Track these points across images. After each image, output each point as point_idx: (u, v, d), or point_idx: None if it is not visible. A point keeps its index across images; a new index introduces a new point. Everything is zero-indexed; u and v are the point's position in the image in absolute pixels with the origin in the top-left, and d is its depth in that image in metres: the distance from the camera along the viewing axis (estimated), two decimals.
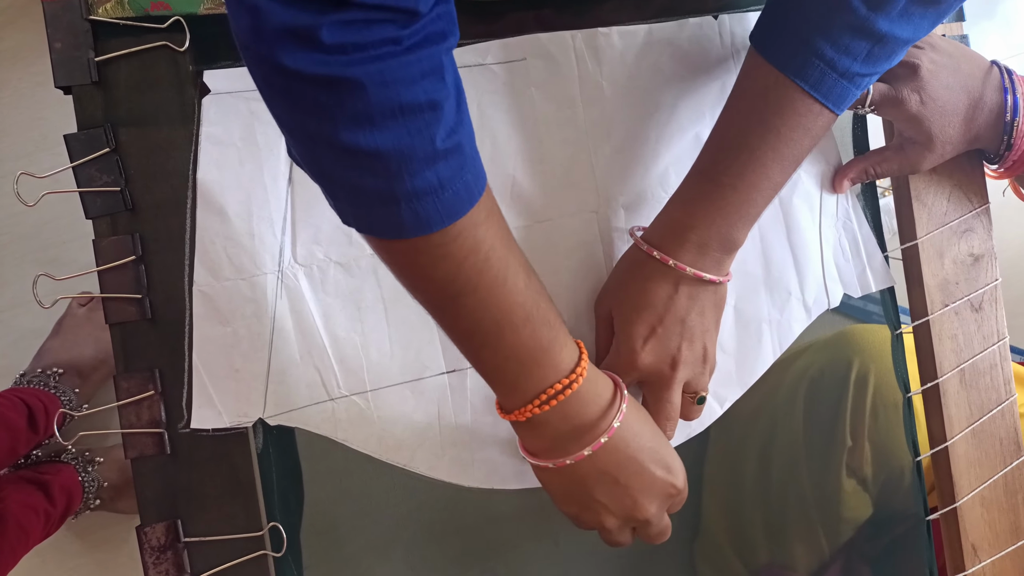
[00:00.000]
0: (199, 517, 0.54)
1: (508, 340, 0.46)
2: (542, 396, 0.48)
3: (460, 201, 0.41)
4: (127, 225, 0.54)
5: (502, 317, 0.45)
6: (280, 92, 0.38)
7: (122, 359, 0.54)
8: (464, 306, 0.45)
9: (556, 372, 0.48)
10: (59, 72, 0.53)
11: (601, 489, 0.50)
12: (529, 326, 0.46)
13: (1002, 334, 0.65)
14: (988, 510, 0.64)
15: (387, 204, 0.40)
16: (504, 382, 0.48)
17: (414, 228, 0.41)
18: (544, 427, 0.49)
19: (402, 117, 0.38)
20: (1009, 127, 0.59)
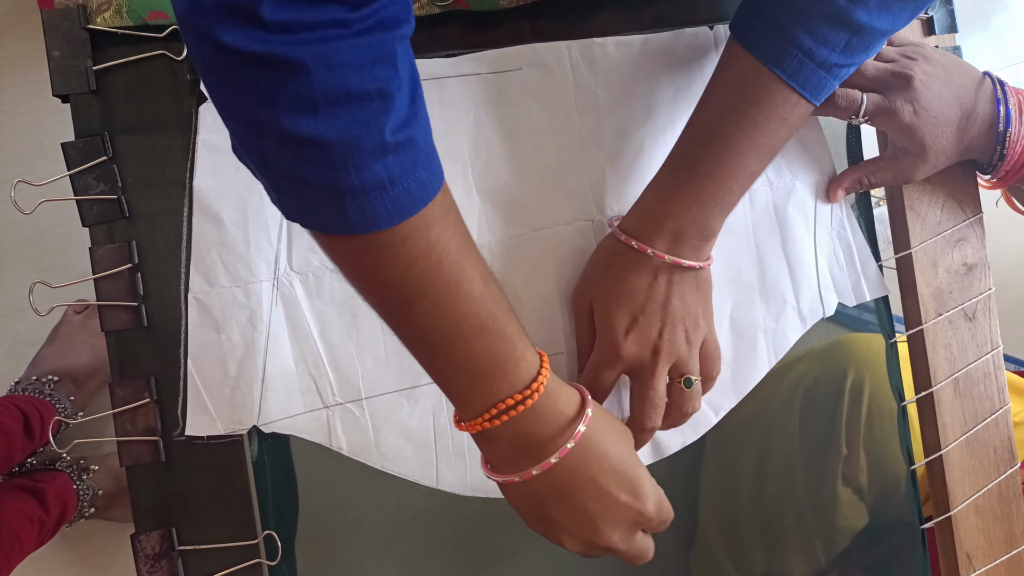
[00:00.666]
0: (194, 525, 0.54)
1: (460, 351, 0.44)
2: (492, 410, 0.46)
3: (411, 199, 0.39)
4: (123, 233, 0.54)
5: (453, 327, 0.43)
6: (219, 73, 0.36)
7: (117, 367, 0.54)
8: (414, 312, 0.43)
9: (510, 386, 0.45)
10: (57, 80, 0.53)
11: (558, 510, 0.48)
12: (483, 338, 0.44)
13: (996, 343, 0.65)
14: (982, 519, 0.64)
15: (332, 198, 0.38)
16: (456, 393, 0.47)
17: (360, 225, 0.39)
18: (498, 441, 0.47)
19: (348, 104, 0.36)
20: (1002, 138, 0.60)
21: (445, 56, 0.58)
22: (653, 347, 0.54)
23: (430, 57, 0.57)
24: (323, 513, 0.59)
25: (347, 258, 0.42)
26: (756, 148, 0.53)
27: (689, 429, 0.59)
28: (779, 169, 0.62)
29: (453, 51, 0.58)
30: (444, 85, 0.57)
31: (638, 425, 0.56)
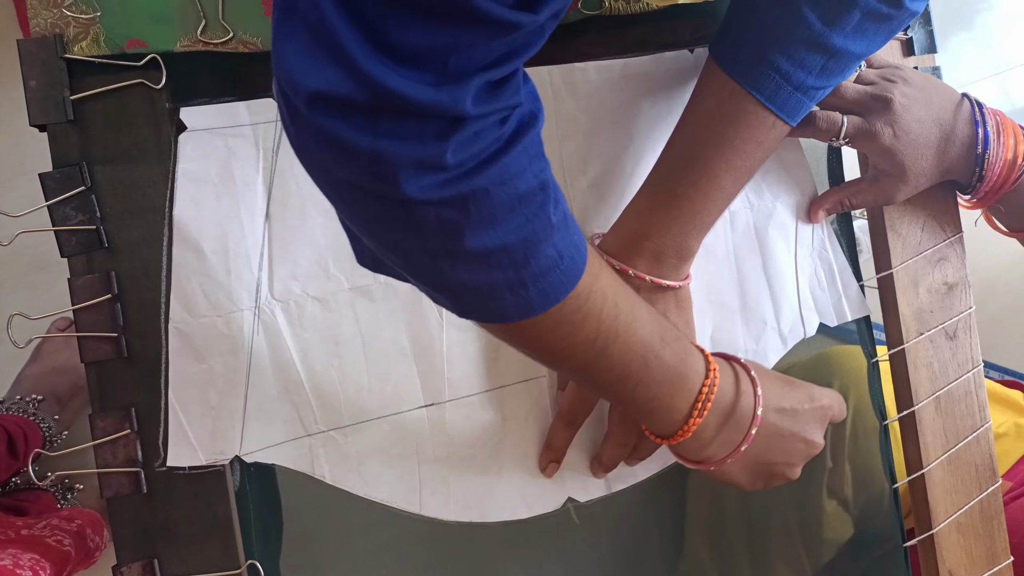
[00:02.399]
0: (176, 556, 0.54)
1: (655, 368, 0.47)
2: (697, 406, 0.49)
3: (576, 266, 0.42)
4: (103, 263, 0.53)
5: (646, 350, 0.46)
6: (402, 223, 0.37)
7: (98, 398, 0.54)
8: (612, 355, 0.45)
9: (698, 375, 0.49)
10: (34, 110, 0.53)
11: (776, 451, 0.53)
12: (667, 346, 0.47)
13: (976, 361, 0.66)
14: (964, 536, 0.65)
15: (515, 291, 0.40)
16: (662, 408, 0.49)
17: (543, 305, 0.41)
18: (706, 431, 0.50)
19: (520, 207, 0.38)
20: (980, 159, 0.60)
21: None
22: None
23: None
24: (307, 540, 0.59)
25: (540, 337, 0.44)
26: (733, 170, 0.54)
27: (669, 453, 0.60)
28: (760, 191, 0.63)
29: None
30: None
31: (615, 440, 0.57)
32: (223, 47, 0.55)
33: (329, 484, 0.55)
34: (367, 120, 0.34)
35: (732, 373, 0.52)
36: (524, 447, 0.58)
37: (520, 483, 0.57)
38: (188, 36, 0.54)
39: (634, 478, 0.60)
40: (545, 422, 0.58)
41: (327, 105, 0.33)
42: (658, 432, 0.51)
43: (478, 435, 0.57)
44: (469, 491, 0.56)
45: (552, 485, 0.58)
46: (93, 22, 0.53)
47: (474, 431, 0.56)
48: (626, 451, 0.58)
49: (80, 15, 0.53)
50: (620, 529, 0.62)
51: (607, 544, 0.62)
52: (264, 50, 0.55)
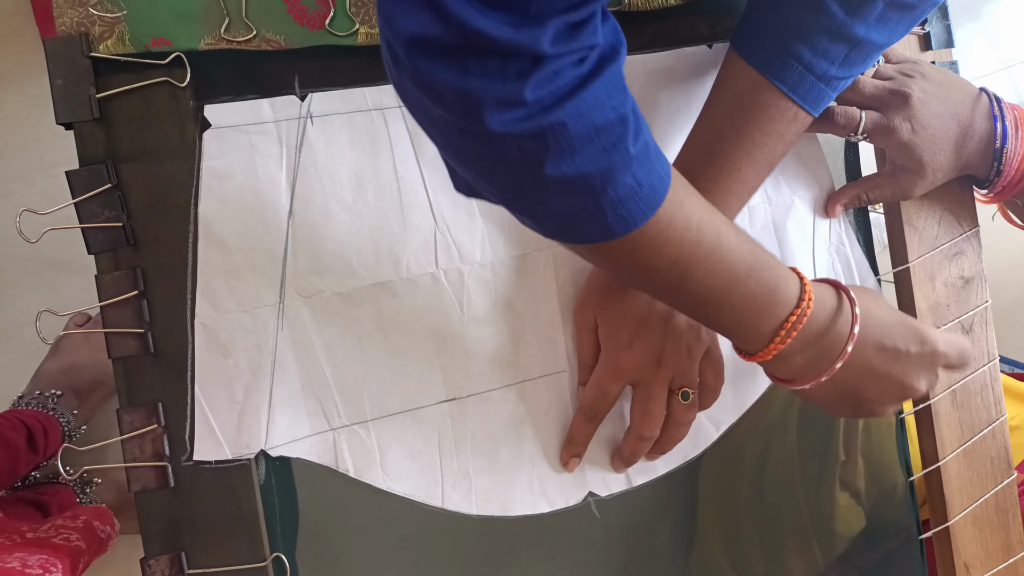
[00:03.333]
0: (202, 549, 0.54)
1: (738, 295, 0.47)
2: (780, 332, 0.49)
3: (656, 193, 0.42)
4: (129, 260, 0.54)
5: (729, 277, 0.47)
6: (486, 153, 0.39)
7: (125, 393, 0.54)
8: (694, 280, 0.46)
9: (787, 305, 0.49)
10: (60, 109, 0.53)
11: (867, 388, 0.52)
12: (754, 275, 0.47)
13: (992, 355, 0.66)
14: (980, 529, 0.65)
15: (594, 217, 0.42)
16: (744, 331, 0.50)
17: (622, 229, 0.42)
18: (792, 356, 0.50)
19: (597, 138, 0.39)
20: (999, 154, 0.60)
21: None
22: (656, 360, 0.56)
23: None
24: (323, 533, 0.60)
25: (623, 258, 0.45)
26: (755, 163, 0.54)
27: (690, 444, 0.60)
28: (778, 185, 0.63)
29: None
30: None
31: (636, 434, 0.58)
32: (246, 45, 0.55)
33: (346, 478, 0.55)
34: (456, 61, 0.36)
35: (835, 303, 0.51)
36: (545, 441, 0.58)
37: (541, 477, 0.58)
38: (212, 34, 0.54)
39: (654, 472, 0.61)
40: (566, 416, 0.59)
41: (422, 48, 0.36)
42: (744, 349, 0.52)
43: (499, 429, 0.57)
44: (491, 485, 0.57)
45: (573, 480, 0.59)
46: (118, 21, 0.53)
47: (495, 425, 0.57)
48: (647, 445, 0.58)
49: (105, 14, 0.53)
50: (632, 520, 0.62)
51: (619, 535, 0.63)
52: (286, 48, 0.55)
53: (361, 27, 0.56)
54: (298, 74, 0.56)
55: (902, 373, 0.52)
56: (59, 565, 0.75)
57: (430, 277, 0.56)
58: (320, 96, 0.55)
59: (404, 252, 0.56)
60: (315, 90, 0.56)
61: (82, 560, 0.82)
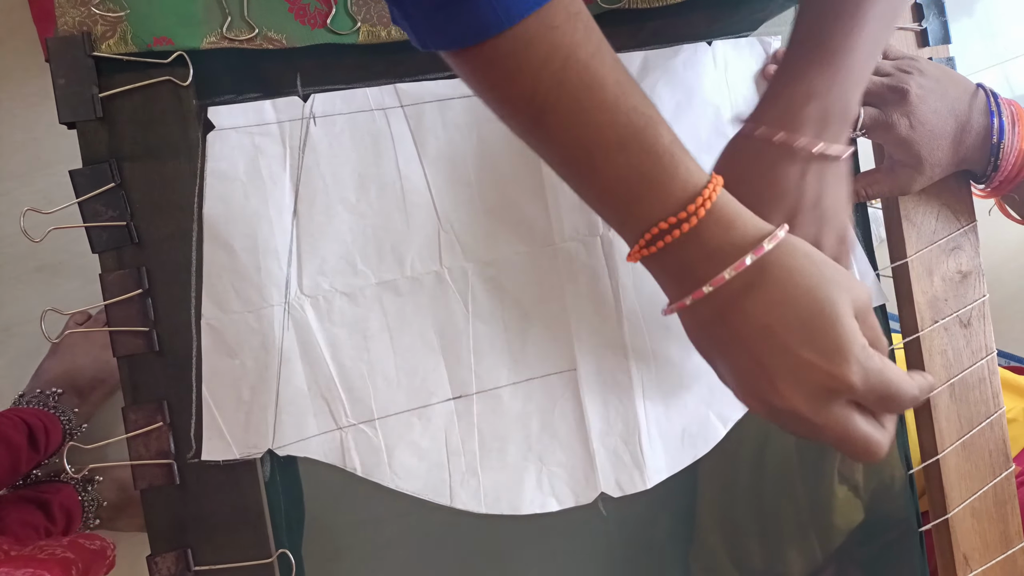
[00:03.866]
0: (208, 546, 0.55)
1: (601, 168, 0.40)
2: (647, 235, 0.41)
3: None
4: (133, 259, 0.54)
5: (590, 140, 0.40)
6: None
7: (130, 391, 0.54)
8: (547, 127, 0.40)
9: (662, 207, 0.40)
10: (63, 108, 0.53)
11: (734, 358, 0.42)
12: (624, 151, 0.39)
13: (990, 348, 0.67)
14: (979, 520, 0.66)
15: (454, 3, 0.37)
16: (610, 219, 0.43)
17: (479, 30, 0.38)
18: (662, 272, 0.43)
19: None
20: (996, 149, 0.61)
21: (448, 75, 0.58)
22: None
23: (434, 78, 0.58)
24: (328, 529, 0.60)
25: (478, 73, 0.41)
26: (881, 17, 0.50)
27: (700, 442, 0.61)
28: None
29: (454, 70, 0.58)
30: (448, 106, 0.57)
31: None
32: (248, 44, 0.55)
33: (352, 474, 0.56)
34: None
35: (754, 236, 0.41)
36: (554, 439, 0.59)
37: (551, 476, 0.58)
38: (213, 33, 0.55)
39: (668, 471, 0.61)
40: (575, 415, 0.59)
41: None
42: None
43: (507, 427, 0.57)
44: (500, 484, 0.57)
45: (585, 480, 0.59)
46: (120, 20, 0.53)
47: (503, 423, 0.57)
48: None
49: (108, 13, 0.53)
50: (631, 515, 0.63)
51: (618, 529, 0.63)
52: (288, 46, 0.56)
53: (362, 25, 0.57)
54: (299, 73, 0.56)
55: (777, 370, 0.40)
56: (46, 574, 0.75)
57: (434, 275, 0.56)
58: (322, 96, 0.55)
59: (408, 251, 0.56)
60: (317, 89, 0.56)
61: (75, 568, 0.81)
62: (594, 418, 0.59)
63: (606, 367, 0.59)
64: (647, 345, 0.60)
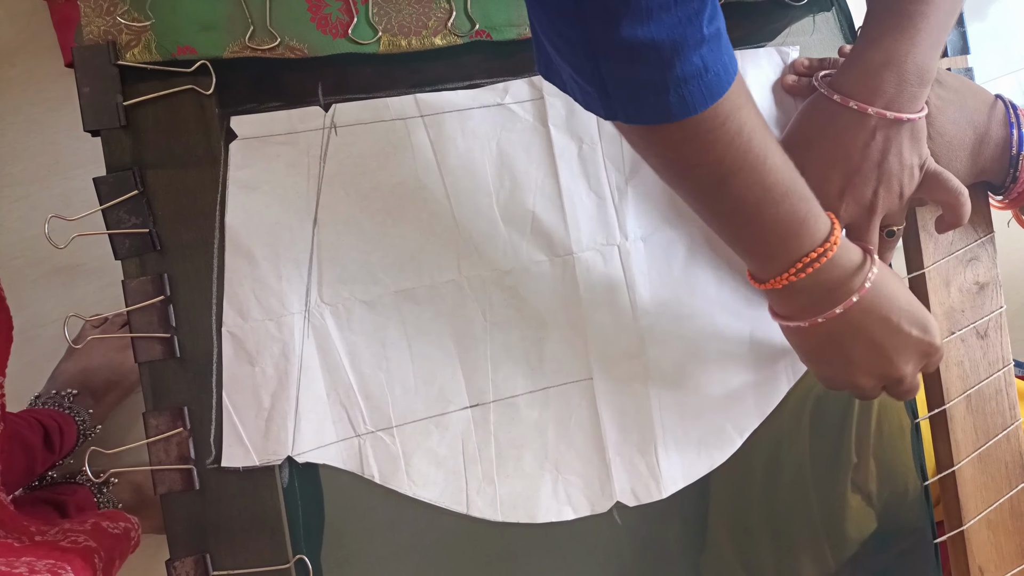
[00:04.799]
0: (227, 551, 0.55)
1: (768, 215, 0.49)
2: (798, 264, 0.50)
3: (720, 82, 0.43)
4: (155, 266, 0.55)
5: (764, 194, 0.48)
6: (568, 4, 0.40)
7: (151, 397, 0.55)
8: (731, 186, 0.47)
9: (811, 241, 0.50)
10: (88, 116, 0.53)
11: (856, 349, 0.53)
12: (788, 201, 0.48)
13: (1007, 360, 0.66)
14: (994, 532, 0.66)
15: (658, 92, 0.42)
16: (762, 254, 0.51)
17: (682, 112, 0.43)
18: (800, 293, 0.52)
19: (675, 8, 0.40)
20: (1015, 160, 0.61)
21: (467, 85, 0.58)
22: (868, 206, 0.57)
23: (452, 88, 0.58)
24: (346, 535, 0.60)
25: (672, 147, 0.47)
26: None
27: (716, 451, 0.61)
28: None
29: (474, 80, 0.59)
30: (467, 116, 0.57)
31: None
32: (270, 53, 0.55)
33: (369, 480, 0.56)
34: None
35: (858, 260, 0.52)
36: (570, 448, 0.59)
37: (567, 485, 0.59)
38: (236, 42, 0.55)
39: (684, 481, 0.61)
40: (591, 424, 0.59)
41: None
42: (755, 274, 0.54)
43: (524, 436, 0.58)
44: (516, 492, 0.57)
45: (601, 489, 0.59)
46: (145, 29, 0.54)
47: (519, 432, 0.58)
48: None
49: (132, 23, 0.54)
50: (642, 522, 0.63)
51: (630, 537, 0.63)
52: (310, 56, 0.56)
53: (383, 35, 0.57)
54: (321, 82, 0.56)
55: (894, 349, 0.53)
56: (68, 567, 0.75)
57: (453, 284, 0.57)
58: (343, 106, 0.56)
59: (427, 260, 0.56)
60: (338, 98, 0.56)
61: (97, 556, 0.82)
62: (610, 427, 0.59)
63: (622, 377, 0.59)
64: (663, 355, 0.61)
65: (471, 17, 0.59)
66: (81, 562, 0.75)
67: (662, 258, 0.61)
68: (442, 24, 0.58)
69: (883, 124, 0.54)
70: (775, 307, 0.56)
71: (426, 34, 0.58)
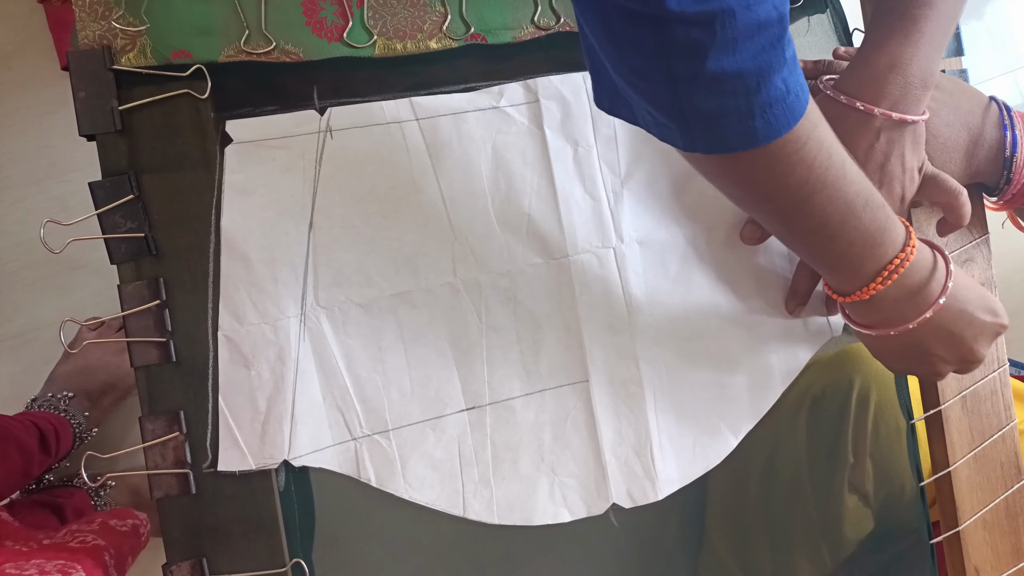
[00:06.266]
0: (224, 555, 0.55)
1: (852, 227, 0.49)
2: (884, 272, 0.51)
3: (800, 103, 0.43)
4: (151, 270, 0.55)
5: (847, 207, 0.48)
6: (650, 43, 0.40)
7: (147, 401, 0.55)
8: (816, 204, 0.47)
9: (893, 247, 0.51)
10: (83, 121, 0.53)
11: (939, 344, 0.55)
12: (868, 210, 0.49)
13: (1002, 361, 0.67)
14: (990, 533, 0.66)
15: (744, 119, 0.42)
16: (848, 267, 0.51)
17: (766, 136, 0.43)
18: (885, 300, 0.52)
19: (758, 35, 0.40)
20: (1008, 162, 0.61)
21: (462, 89, 0.59)
22: None
23: (448, 91, 0.58)
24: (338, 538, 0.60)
25: (756, 172, 0.46)
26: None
27: (711, 453, 0.61)
28: None
29: (470, 83, 0.59)
30: (463, 119, 0.57)
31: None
32: (265, 57, 0.55)
33: (365, 485, 0.56)
34: None
35: (932, 258, 0.53)
36: (566, 450, 0.59)
37: (563, 487, 0.59)
38: (232, 46, 0.55)
39: (680, 483, 0.61)
40: (588, 426, 0.59)
41: None
42: (837, 288, 0.54)
43: (520, 438, 0.58)
44: (512, 495, 0.57)
45: (597, 491, 0.59)
46: (140, 34, 0.54)
47: (515, 434, 0.58)
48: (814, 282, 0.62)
49: (128, 27, 0.54)
50: (640, 523, 0.63)
51: (627, 537, 0.63)
52: (305, 60, 0.56)
53: (379, 39, 0.57)
54: (316, 86, 0.56)
55: (972, 337, 0.55)
56: (78, 566, 0.75)
57: (448, 287, 0.57)
58: (339, 110, 0.56)
59: (422, 263, 0.56)
60: (333, 102, 0.56)
61: (107, 553, 0.82)
62: (606, 429, 0.59)
63: (618, 379, 0.60)
64: (659, 357, 0.61)
65: (466, 21, 0.59)
66: (91, 561, 0.75)
67: (657, 260, 0.61)
68: (437, 28, 0.58)
69: (887, 126, 0.55)
70: (856, 317, 0.56)
71: (421, 38, 0.58)
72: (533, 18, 0.60)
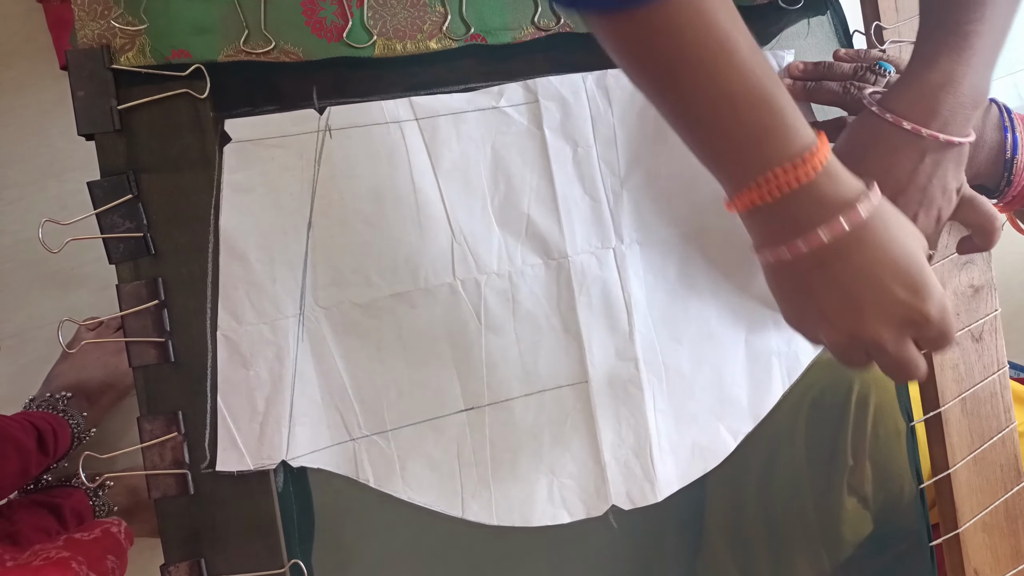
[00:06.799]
0: (222, 556, 0.55)
1: (726, 118, 0.43)
2: (761, 179, 0.43)
3: None
4: (149, 270, 0.54)
5: (720, 94, 0.42)
6: None
7: (145, 401, 0.54)
8: (684, 81, 0.43)
9: (780, 156, 0.43)
10: (82, 120, 0.53)
11: (823, 296, 0.45)
12: (749, 106, 0.43)
13: (1002, 363, 0.67)
14: (990, 535, 0.66)
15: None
16: (723, 166, 0.45)
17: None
18: (769, 218, 0.45)
19: None
20: (1009, 164, 0.61)
21: (462, 89, 0.58)
22: None
23: (448, 91, 0.58)
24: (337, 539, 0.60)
25: (623, 35, 0.43)
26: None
27: (710, 454, 0.61)
28: None
29: (469, 83, 0.59)
30: (462, 120, 0.57)
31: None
32: (265, 57, 0.55)
33: (364, 486, 0.56)
34: None
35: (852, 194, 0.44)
36: (565, 452, 0.59)
37: (562, 488, 0.59)
38: (231, 46, 0.55)
39: (679, 484, 0.61)
40: (585, 427, 0.59)
41: None
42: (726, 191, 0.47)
43: (519, 439, 0.58)
44: (511, 495, 0.57)
45: (596, 493, 0.59)
46: (139, 33, 0.54)
47: (514, 435, 0.58)
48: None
49: (126, 26, 0.53)
50: (638, 525, 0.63)
51: (626, 540, 0.63)
52: (304, 60, 0.56)
53: (378, 39, 0.57)
54: (316, 86, 0.56)
55: (869, 304, 0.45)
56: None
57: (447, 287, 0.57)
58: (338, 109, 0.56)
59: (422, 263, 0.56)
60: (332, 102, 0.56)
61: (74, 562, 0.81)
62: (605, 430, 0.59)
63: (617, 380, 0.59)
64: (658, 358, 0.61)
65: (466, 21, 0.59)
66: (56, 571, 0.75)
67: (657, 261, 0.61)
68: (437, 28, 0.58)
69: (933, 147, 0.52)
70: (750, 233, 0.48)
71: (421, 38, 0.58)
72: (533, 19, 0.60)
